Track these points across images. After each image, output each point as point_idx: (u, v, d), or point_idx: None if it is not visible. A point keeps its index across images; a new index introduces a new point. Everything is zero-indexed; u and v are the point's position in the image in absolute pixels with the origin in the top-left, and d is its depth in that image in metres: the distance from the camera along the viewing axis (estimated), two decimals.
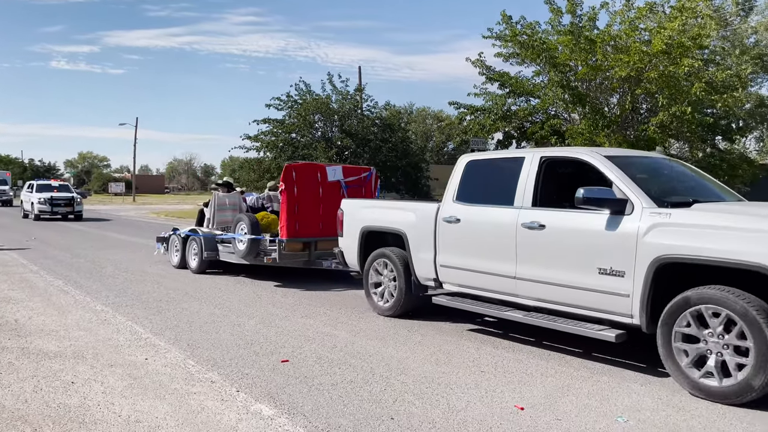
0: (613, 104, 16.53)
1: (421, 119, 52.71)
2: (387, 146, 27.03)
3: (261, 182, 26.79)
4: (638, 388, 4.62)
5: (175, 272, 10.77)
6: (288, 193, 8.98)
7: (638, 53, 14.04)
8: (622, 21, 15.67)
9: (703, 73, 15.14)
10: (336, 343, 5.95)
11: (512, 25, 16.36)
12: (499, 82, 16.90)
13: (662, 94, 14.64)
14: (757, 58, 20.40)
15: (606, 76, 15.63)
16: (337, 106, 27.24)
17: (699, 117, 14.89)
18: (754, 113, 20.70)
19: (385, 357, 5.44)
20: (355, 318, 7.10)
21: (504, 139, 18.00)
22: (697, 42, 14.84)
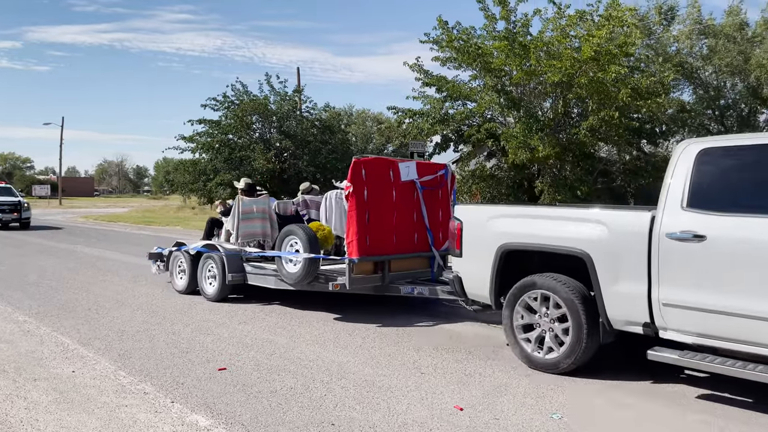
0: (547, 108, 17.03)
1: (361, 121, 52.80)
2: (327, 148, 26.92)
3: (196, 184, 26.16)
4: (571, 385, 4.76)
5: (105, 279, 10.33)
6: (357, 197, 6.81)
7: (569, 59, 14.53)
8: (554, 28, 16.17)
9: (629, 80, 15.81)
10: (275, 349, 5.86)
11: (448, 30, 16.62)
12: (436, 86, 17.12)
13: (592, 99, 15.21)
14: (678, 65, 21.48)
15: (539, 81, 16.08)
16: (276, 107, 26.93)
17: (626, 121, 15.55)
18: (676, 118, 21.76)
19: (326, 362, 5.40)
20: (294, 323, 7.02)
21: (442, 142, 18.25)
22: (624, 50, 15.50)
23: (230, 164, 25.31)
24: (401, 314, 7.23)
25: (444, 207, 7.82)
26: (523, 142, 14.88)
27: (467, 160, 18.73)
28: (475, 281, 5.70)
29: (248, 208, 8.58)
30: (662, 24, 23.05)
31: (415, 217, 7.52)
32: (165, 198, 71.94)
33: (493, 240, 5.46)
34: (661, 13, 22.95)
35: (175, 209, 40.76)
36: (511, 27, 16.41)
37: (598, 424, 4.00)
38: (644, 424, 4.02)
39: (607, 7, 16.38)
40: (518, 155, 14.81)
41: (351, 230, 6.84)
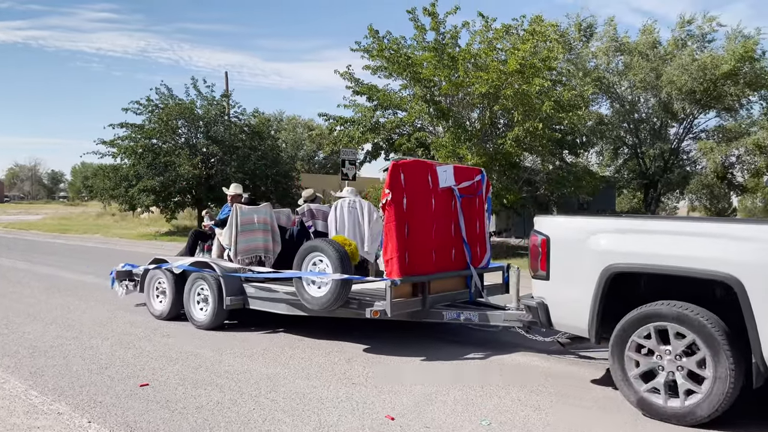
0: (475, 119, 17.46)
1: (291, 127, 52.30)
2: (256, 154, 26.48)
3: (117, 190, 25.10)
4: (500, 392, 4.86)
5: (16, 291, 9.69)
6: (396, 206, 5.78)
7: (496, 72, 14.97)
8: (481, 41, 16.64)
9: (552, 93, 16.47)
10: (201, 362, 5.66)
11: (379, 39, 16.76)
12: (367, 95, 17.21)
13: (517, 110, 15.71)
14: (597, 80, 22.61)
15: (467, 92, 16.48)
16: (203, 111, 26.26)
17: (549, 132, 16.17)
18: (595, 130, 22.88)
19: (254, 375, 5.27)
20: (221, 335, 6.81)
21: (373, 151, 18.36)
22: (547, 64, 16.14)
23: (154, 170, 24.44)
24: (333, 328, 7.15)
25: (481, 218, 6.92)
26: (452, 152, 15.17)
27: None
28: (569, 310, 4.76)
29: (248, 219, 7.37)
30: (582, 40, 24.21)
31: (453, 230, 6.51)
32: (83, 204, 68.51)
33: (595, 260, 4.53)
34: (581, 30, 24.10)
35: (94, 216, 38.91)
36: (441, 38, 16.74)
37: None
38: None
39: (531, 22, 17.03)
40: None
41: (390, 246, 5.77)
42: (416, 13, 16.59)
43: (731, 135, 22.74)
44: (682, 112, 23.36)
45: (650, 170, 24.26)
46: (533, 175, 18.20)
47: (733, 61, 20.58)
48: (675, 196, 33.53)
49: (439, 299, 6.30)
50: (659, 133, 24.26)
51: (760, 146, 21.44)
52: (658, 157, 23.83)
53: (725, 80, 21.10)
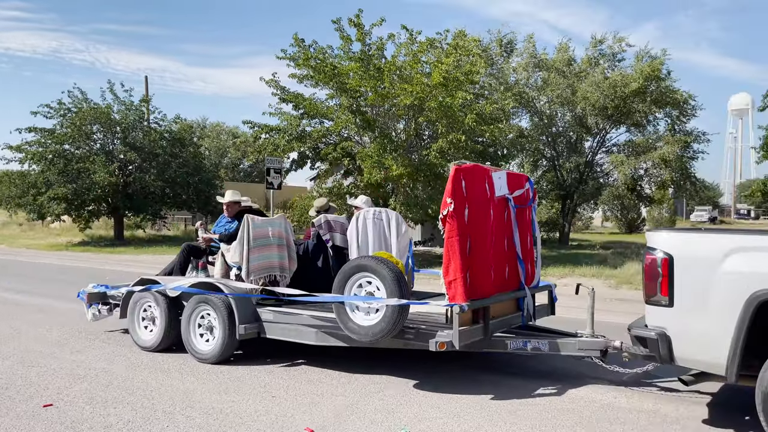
0: (400, 130, 17.66)
1: (215, 134, 51.10)
2: (177, 161, 25.69)
3: (25, 198, 23.65)
4: (421, 399, 4.91)
5: None
6: (459, 218, 5.01)
7: (420, 84, 15.22)
8: (406, 53, 16.88)
9: (474, 106, 16.92)
10: (112, 379, 5.39)
11: (305, 48, 16.68)
12: (293, 103, 17.07)
13: (441, 122, 16.03)
14: (517, 94, 23.42)
15: (393, 103, 16.66)
16: (120, 116, 25.24)
17: (472, 144, 16.58)
18: (516, 143, 23.64)
19: (169, 390, 5.07)
20: (135, 350, 6.52)
21: (299, 159, 18.20)
22: (469, 77, 16.58)
23: (66, 177, 23.21)
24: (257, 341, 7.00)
25: (530, 231, 6.27)
26: (377, 162, 15.27)
27: (324, 177, 18.83)
28: (699, 343, 4.12)
29: (262, 232, 6.44)
30: (503, 56, 25.05)
31: (506, 245, 5.83)
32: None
33: (736, 285, 3.91)
34: (502, 46, 24.94)
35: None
36: (367, 49, 16.85)
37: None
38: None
39: (454, 36, 17.45)
40: (373, 174, 15.16)
41: (453, 265, 4.98)
42: (342, 24, 16.64)
43: (640, 149, 24.09)
44: (595, 126, 24.56)
45: (567, 182, 25.34)
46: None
47: (641, 80, 21.88)
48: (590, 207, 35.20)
49: (497, 325, 5.51)
50: (575, 147, 25.40)
51: (665, 160, 22.84)
52: (574, 169, 24.92)
53: (634, 97, 22.38)
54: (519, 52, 25.25)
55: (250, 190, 43.45)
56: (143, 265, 16.67)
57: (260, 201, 41.69)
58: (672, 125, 24.51)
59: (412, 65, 16.16)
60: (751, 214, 72.24)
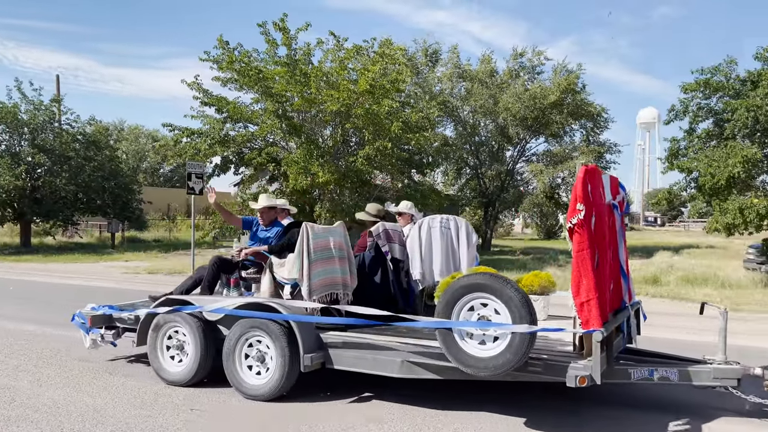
0: (327, 136, 17.60)
1: (133, 137, 49.11)
2: (91, 165, 24.46)
3: None
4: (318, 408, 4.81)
5: None
6: (588, 227, 4.31)
7: (347, 91, 15.24)
8: (333, 59, 16.88)
9: (400, 114, 17.12)
10: (15, 396, 5.02)
11: (230, 51, 16.35)
12: (216, 107, 16.66)
13: (368, 129, 16.10)
14: (442, 104, 23.90)
15: (320, 109, 16.59)
16: (28, 117, 23.76)
17: (398, 152, 16.76)
18: (441, 151, 24.10)
19: (79, 407, 4.77)
20: (42, 364, 6.10)
21: (222, 164, 17.76)
22: (395, 86, 16.76)
23: None
24: None
25: (624, 241, 5.60)
26: (303, 168, 15.14)
27: (249, 183, 18.47)
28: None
29: (323, 243, 5.41)
30: (428, 65, 25.53)
31: (611, 256, 5.01)
32: None
33: None
34: (427, 56, 25.43)
35: None
36: (293, 54, 16.72)
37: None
38: None
39: (381, 44, 17.60)
40: (299, 180, 15.02)
41: (585, 283, 4.23)
42: (267, 27, 16.43)
43: (557, 159, 25.17)
44: (516, 136, 25.44)
45: (489, 189, 26.07)
46: (383, 192, 18.72)
47: (558, 92, 22.88)
48: (511, 214, 36.38)
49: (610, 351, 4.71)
50: (497, 156, 26.20)
51: None
52: (495, 177, 25.68)
53: (552, 109, 23.37)
54: (444, 62, 25.83)
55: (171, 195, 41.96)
56: (54, 275, 15.71)
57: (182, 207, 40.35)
58: (587, 136, 25.77)
59: (338, 72, 16.16)
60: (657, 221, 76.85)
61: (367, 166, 16.12)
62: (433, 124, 20.88)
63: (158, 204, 36.51)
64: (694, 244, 30.85)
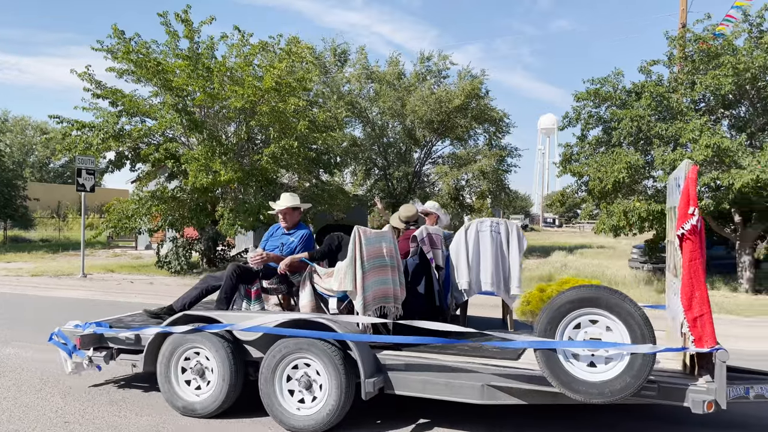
0: (231, 133, 17.11)
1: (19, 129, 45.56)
2: None
3: None
4: None
5: None
6: (700, 237, 3.85)
7: (252, 87, 14.87)
8: (238, 54, 16.43)
9: (307, 113, 16.93)
10: None
11: (126, 40, 15.50)
12: (110, 99, 15.75)
13: (273, 127, 15.80)
14: (350, 104, 23.95)
15: (223, 105, 16.08)
16: None
17: (304, 151, 16.56)
18: (349, 151, 24.16)
19: None
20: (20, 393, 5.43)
21: (117, 160, 16.81)
22: (302, 84, 16.55)
23: None
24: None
25: None
26: (205, 165, 14.61)
27: (146, 180, 17.60)
28: None
29: (376, 250, 4.81)
30: (337, 65, 25.48)
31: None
32: None
33: None
34: (336, 55, 25.38)
35: None
36: (195, 47, 16.12)
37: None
38: None
39: (288, 42, 17.33)
40: (199, 178, 14.48)
41: (699, 296, 3.75)
42: (168, 18, 15.74)
43: (462, 161, 25.89)
44: (423, 139, 25.93)
45: (397, 190, 26.40)
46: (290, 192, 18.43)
47: (463, 97, 23.55)
48: None
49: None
50: (404, 157, 26.57)
51: (483, 172, 24.78)
52: (403, 178, 26.05)
53: (457, 113, 24.01)
54: (352, 62, 25.87)
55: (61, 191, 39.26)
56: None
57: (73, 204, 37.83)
58: (489, 140, 26.69)
59: (243, 67, 15.76)
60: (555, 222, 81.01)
61: (272, 164, 15.81)
62: (341, 124, 20.87)
63: (47, 201, 34.16)
64: (587, 244, 32.79)
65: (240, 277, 5.30)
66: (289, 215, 5.61)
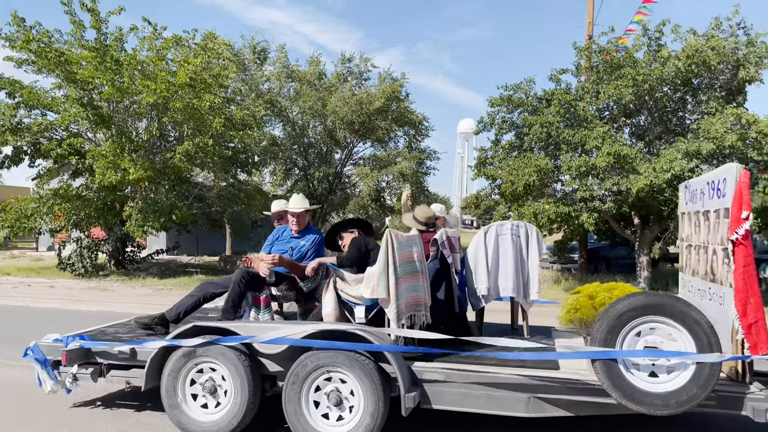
0: (142, 129, 16.43)
1: None
2: None
3: None
4: None
5: None
6: (750, 239, 3.72)
7: (165, 82, 14.34)
8: (149, 48, 15.79)
9: (224, 110, 16.52)
10: None
11: (26, 29, 14.55)
12: (7, 90, 14.72)
13: (188, 124, 15.30)
14: (269, 102, 23.56)
15: (134, 100, 15.43)
16: None
17: (220, 149, 16.14)
18: (268, 150, 23.76)
19: None
20: None
21: (14, 155, 15.74)
22: (219, 80, 16.14)
23: None
24: None
25: None
26: (113, 163, 13.95)
27: (48, 177, 16.59)
28: None
29: (407, 255, 4.47)
30: (256, 62, 25.02)
31: None
32: None
33: None
34: (255, 53, 24.90)
35: None
36: (103, 39, 15.36)
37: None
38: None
39: (204, 37, 16.85)
40: (107, 176, 13.80)
41: (754, 302, 3.64)
42: (73, 7, 14.91)
43: (382, 163, 26.04)
44: (344, 140, 25.89)
45: (317, 191, 26.22)
46: (205, 191, 17.92)
47: (384, 99, 23.70)
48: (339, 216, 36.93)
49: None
50: (325, 158, 26.42)
51: (403, 174, 25.04)
52: (324, 179, 25.90)
53: (377, 115, 24.13)
54: (272, 60, 25.48)
55: None
56: None
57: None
58: (409, 143, 27.01)
59: (156, 62, 15.17)
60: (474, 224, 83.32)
61: (186, 163, 15.31)
62: (259, 123, 20.49)
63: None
64: None
65: (249, 285, 4.93)
66: (302, 218, 5.37)
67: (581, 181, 12.98)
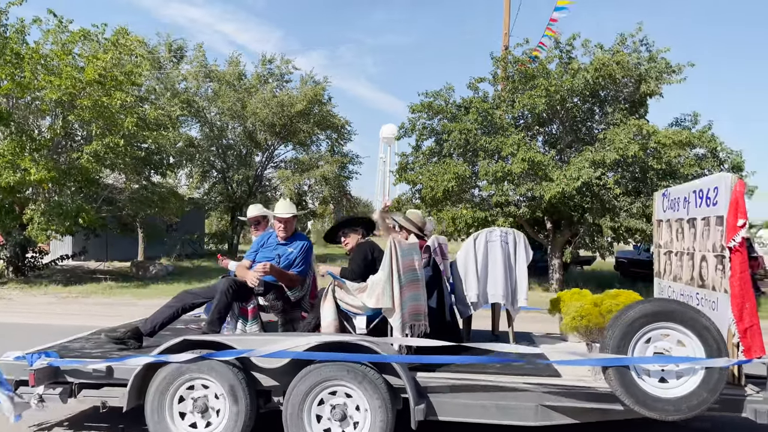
0: (45, 128, 15.44)
1: None
2: None
3: None
4: None
5: None
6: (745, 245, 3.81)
7: (71, 78, 13.56)
8: (54, 42, 14.87)
9: (137, 109, 15.80)
10: None
11: None
12: None
13: (96, 123, 14.53)
14: (186, 102, 22.80)
15: (36, 96, 14.49)
16: None
17: (132, 150, 15.44)
18: (185, 152, 22.99)
19: None
20: None
21: None
22: (131, 78, 15.43)
23: None
24: None
25: None
26: (11, 162, 13.03)
27: None
28: None
29: (409, 263, 4.32)
30: (172, 61, 24.15)
31: None
32: None
33: None
34: (171, 51, 24.04)
35: None
36: (3, 30, 14.33)
37: None
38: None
39: (115, 33, 16.05)
40: (5, 176, 12.86)
41: (749, 307, 3.76)
42: None
43: (304, 167, 25.80)
44: (264, 142, 25.46)
45: (236, 194, 25.63)
46: (116, 193, 17.05)
47: (306, 102, 23.51)
48: None
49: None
50: (245, 160, 25.87)
51: (326, 178, 24.94)
52: (243, 181, 25.36)
53: (299, 118, 23.91)
54: (189, 59, 24.71)
55: None
56: None
57: None
58: (332, 147, 26.94)
59: (61, 56, 14.30)
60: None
61: (94, 163, 14.52)
62: (174, 123, 19.76)
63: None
64: None
65: (236, 294, 4.68)
66: (289, 224, 5.16)
67: (497, 186, 13.39)
